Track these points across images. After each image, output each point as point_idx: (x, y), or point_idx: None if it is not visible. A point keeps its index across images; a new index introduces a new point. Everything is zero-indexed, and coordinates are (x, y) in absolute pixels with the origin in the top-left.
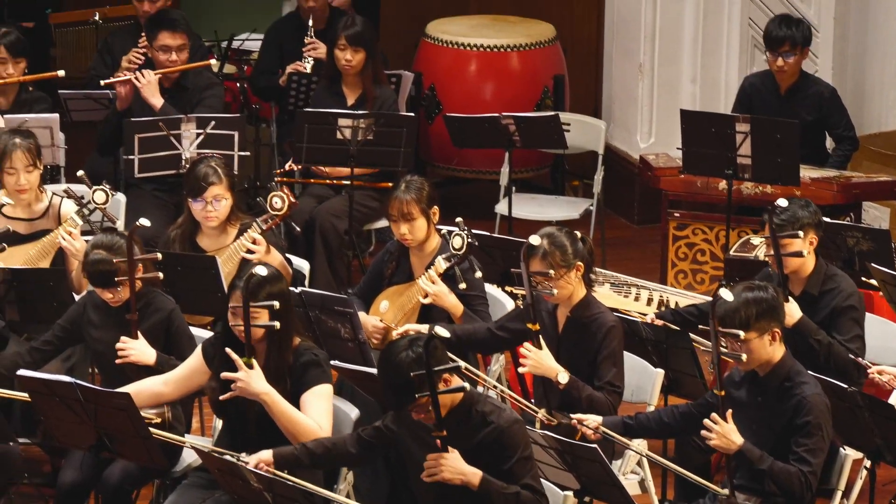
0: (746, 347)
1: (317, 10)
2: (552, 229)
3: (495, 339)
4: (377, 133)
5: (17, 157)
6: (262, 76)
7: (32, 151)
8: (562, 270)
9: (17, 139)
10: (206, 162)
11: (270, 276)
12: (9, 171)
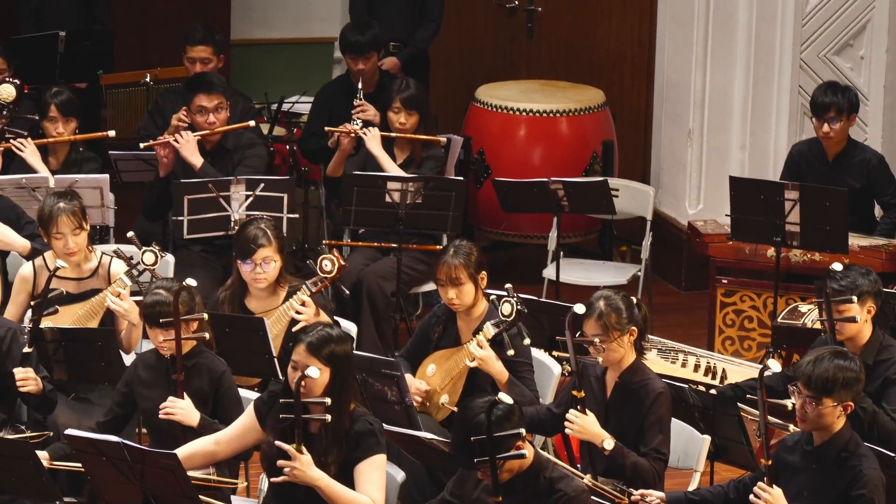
0: (816, 412)
1: (366, 74)
2: (609, 292)
3: (553, 418)
4: (426, 196)
5: (62, 221)
6: (311, 139)
7: (77, 214)
8: (615, 333)
9: (62, 203)
10: (255, 224)
11: (336, 336)
12: (56, 236)
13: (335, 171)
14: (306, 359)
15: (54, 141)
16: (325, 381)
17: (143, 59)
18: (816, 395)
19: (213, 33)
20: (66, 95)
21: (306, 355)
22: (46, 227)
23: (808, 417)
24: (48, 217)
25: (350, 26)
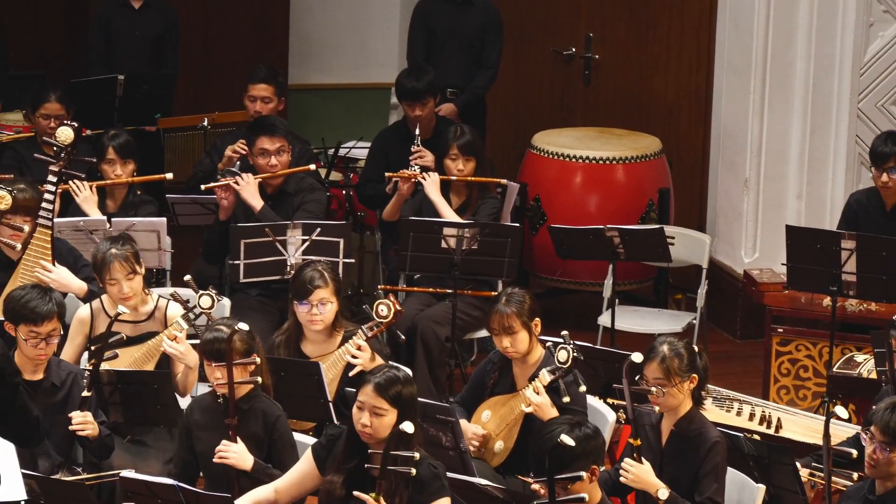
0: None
1: (423, 120)
2: (673, 338)
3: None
4: (482, 242)
5: (115, 267)
6: (367, 184)
7: (130, 259)
8: (676, 379)
9: (114, 249)
10: (312, 266)
11: (403, 377)
12: (110, 281)
13: (392, 215)
14: (374, 399)
15: (112, 183)
16: (391, 422)
17: (201, 104)
18: (891, 441)
19: (275, 74)
20: (124, 138)
21: (374, 396)
22: (100, 272)
23: (878, 464)
24: (101, 263)
25: (406, 72)
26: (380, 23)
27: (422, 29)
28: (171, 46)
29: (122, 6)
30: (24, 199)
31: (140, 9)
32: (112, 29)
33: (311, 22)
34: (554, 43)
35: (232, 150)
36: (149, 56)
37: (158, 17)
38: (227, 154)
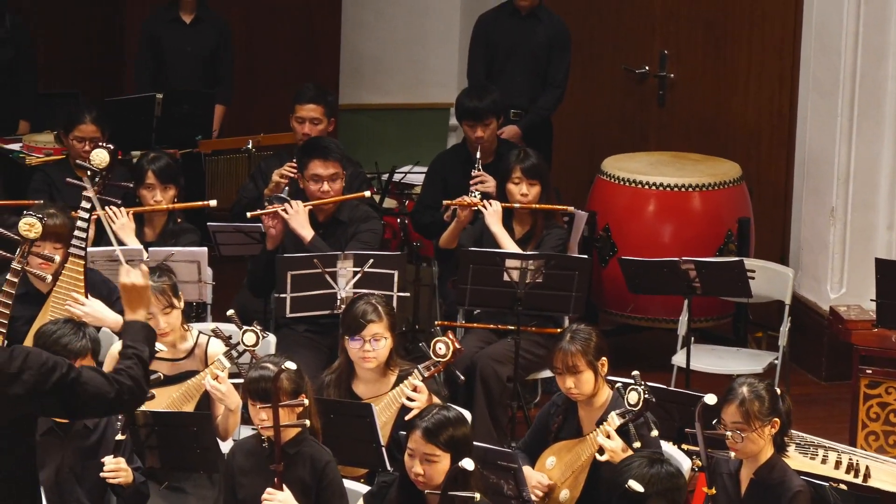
0: None
1: (485, 142)
2: (753, 378)
3: None
4: (547, 275)
5: (151, 301)
6: (424, 212)
7: (167, 292)
8: (756, 423)
9: (150, 281)
10: (365, 299)
11: (454, 419)
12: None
13: (449, 242)
14: (424, 446)
15: (151, 210)
16: (445, 468)
17: (244, 125)
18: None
19: (324, 93)
20: (164, 161)
21: (423, 442)
22: None
23: None
24: None
25: (468, 91)
26: (438, 38)
27: (483, 45)
28: (225, 63)
29: (171, 21)
30: (55, 225)
31: (192, 23)
32: (162, 46)
33: (363, 37)
34: (625, 60)
35: (280, 174)
36: (202, 74)
37: (211, 32)
38: (274, 179)
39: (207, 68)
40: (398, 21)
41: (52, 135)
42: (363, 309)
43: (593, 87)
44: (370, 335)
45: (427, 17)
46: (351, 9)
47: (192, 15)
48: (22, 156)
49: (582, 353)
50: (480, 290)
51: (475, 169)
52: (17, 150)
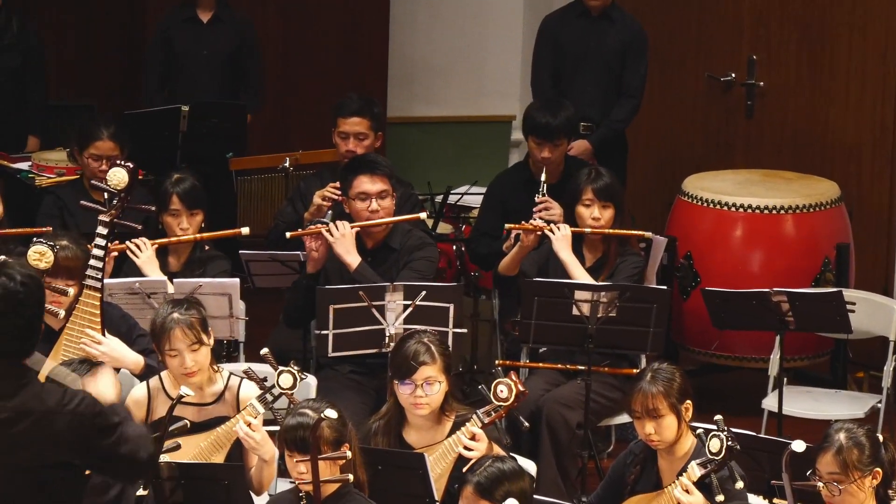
0: None
1: (551, 162)
2: (851, 424)
3: None
4: (621, 309)
5: (176, 335)
6: (482, 239)
7: (196, 326)
8: (855, 474)
9: (176, 314)
10: (416, 338)
11: (510, 471)
12: (170, 353)
13: (510, 268)
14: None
15: (177, 241)
16: None
17: (281, 141)
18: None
19: (370, 105)
20: (189, 183)
21: (475, 499)
22: (159, 341)
23: None
24: (160, 330)
25: (539, 105)
26: (499, 42)
27: (549, 49)
28: (250, 67)
29: (185, 20)
30: (66, 258)
31: (209, 23)
32: (175, 48)
33: (414, 42)
34: (709, 67)
35: (322, 195)
36: (220, 80)
37: (231, 33)
38: (315, 201)
39: (227, 74)
40: (454, 23)
41: (65, 152)
42: (415, 349)
43: (673, 96)
44: (423, 379)
45: (486, 18)
46: (400, 7)
47: (210, 13)
48: (31, 176)
49: (664, 394)
50: (546, 325)
51: (539, 193)
52: (25, 169)
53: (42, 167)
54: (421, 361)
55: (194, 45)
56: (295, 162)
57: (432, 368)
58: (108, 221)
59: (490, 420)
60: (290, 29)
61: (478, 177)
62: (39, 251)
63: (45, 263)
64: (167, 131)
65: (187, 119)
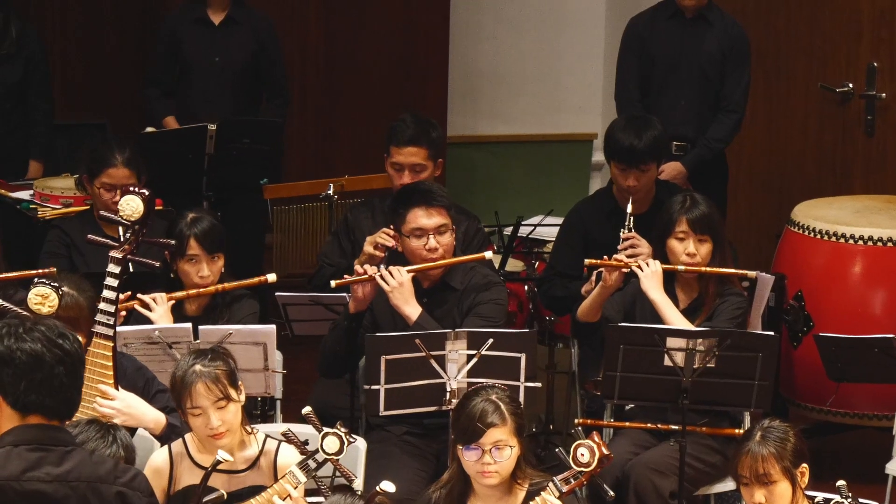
0: None
1: (638, 191)
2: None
3: None
4: (721, 358)
5: (199, 391)
6: (555, 281)
7: (222, 380)
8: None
9: (198, 366)
10: (483, 394)
11: None
12: (192, 411)
13: (590, 313)
14: None
15: (196, 293)
16: None
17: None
18: None
19: (427, 129)
20: (208, 223)
21: None
22: (180, 398)
23: None
24: (181, 385)
25: (624, 124)
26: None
27: (636, 56)
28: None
29: (195, 21)
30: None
31: (222, 24)
32: (183, 54)
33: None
34: (823, 76)
35: (373, 243)
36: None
37: (248, 36)
38: (366, 250)
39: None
40: (524, 26)
41: (72, 179)
42: (481, 408)
43: (780, 111)
44: (491, 443)
45: (562, 21)
46: (462, 10)
47: (222, 14)
48: (32, 207)
49: (777, 457)
50: (634, 378)
51: (625, 227)
52: (26, 199)
53: (45, 196)
54: (489, 423)
55: (204, 51)
56: (339, 189)
57: (502, 431)
58: (120, 258)
59: (569, 489)
60: (333, 34)
61: (553, 205)
62: (42, 293)
63: (48, 308)
64: (191, 154)
65: (214, 139)
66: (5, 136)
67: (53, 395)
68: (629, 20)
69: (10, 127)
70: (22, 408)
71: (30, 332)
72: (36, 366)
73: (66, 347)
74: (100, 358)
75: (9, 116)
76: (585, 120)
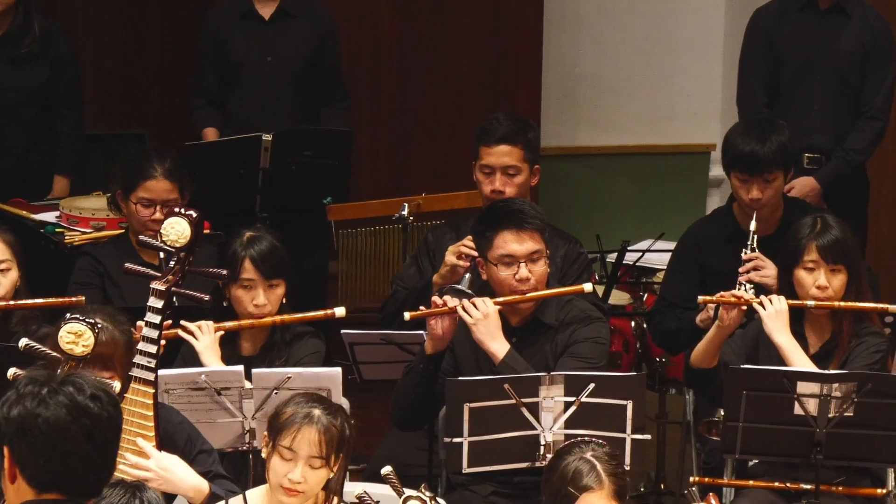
0: None
1: (763, 205)
2: None
3: None
4: (860, 406)
5: (304, 437)
6: (668, 313)
7: (333, 441)
8: None
9: (317, 411)
10: (576, 452)
11: None
12: (284, 452)
13: (706, 358)
14: None
15: (251, 325)
16: None
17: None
18: None
19: (524, 129)
20: (267, 244)
21: None
22: (279, 433)
23: None
24: (288, 421)
25: (745, 128)
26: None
27: (762, 53)
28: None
29: (242, 17)
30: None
31: (273, 18)
32: (230, 55)
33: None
34: None
35: (456, 253)
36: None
37: (305, 30)
38: (448, 261)
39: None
40: (631, 21)
41: (104, 198)
42: (576, 468)
43: None
44: None
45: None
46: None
47: (273, 6)
48: (59, 231)
49: None
50: (758, 428)
51: (747, 248)
52: (51, 222)
53: (73, 219)
54: (582, 486)
55: (254, 50)
56: (415, 209)
57: (598, 496)
58: (163, 291)
59: None
60: (409, 29)
61: (664, 228)
62: (75, 331)
63: (81, 348)
64: (243, 169)
65: (270, 152)
66: (28, 149)
67: (77, 475)
68: (754, 12)
69: (34, 138)
70: (38, 485)
71: (54, 393)
72: (58, 439)
73: (96, 414)
74: (138, 406)
75: (32, 126)
76: (702, 128)
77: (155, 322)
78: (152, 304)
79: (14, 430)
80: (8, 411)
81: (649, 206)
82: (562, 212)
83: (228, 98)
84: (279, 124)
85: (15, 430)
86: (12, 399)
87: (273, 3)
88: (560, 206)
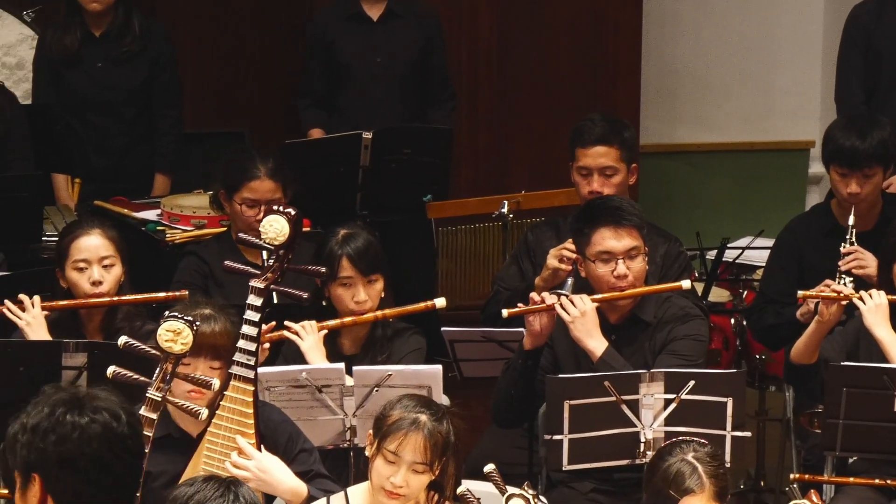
0: None
1: (862, 200)
2: None
3: None
4: None
5: (409, 442)
6: (767, 309)
7: (438, 447)
8: None
9: (424, 416)
10: (678, 453)
11: None
12: (389, 456)
13: (806, 354)
14: None
15: (353, 322)
16: None
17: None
18: None
19: (619, 129)
20: (363, 241)
21: None
22: (385, 436)
23: None
24: (394, 425)
25: (844, 123)
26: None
27: (861, 50)
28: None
29: (349, 18)
30: (213, 332)
31: (381, 20)
32: (338, 57)
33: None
34: None
35: (559, 256)
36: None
37: (413, 30)
38: (550, 265)
39: (411, 87)
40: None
41: (206, 196)
42: (678, 470)
43: None
44: None
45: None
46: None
47: (381, 7)
48: (160, 229)
49: None
50: (859, 426)
51: (846, 242)
52: (152, 220)
53: (175, 217)
54: (684, 490)
55: (364, 51)
56: (515, 207)
57: (700, 498)
58: (262, 289)
59: None
60: (508, 27)
61: (764, 225)
62: (174, 329)
63: (180, 346)
64: (343, 167)
65: (370, 150)
66: (128, 147)
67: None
68: (852, 9)
69: (134, 137)
70: None
71: (92, 423)
72: (102, 475)
73: (132, 446)
74: (239, 405)
75: (132, 125)
76: (801, 126)
77: (254, 319)
78: (252, 301)
79: (53, 461)
80: (43, 440)
81: (749, 204)
82: (661, 209)
83: (337, 99)
84: (388, 125)
85: (55, 462)
86: (45, 427)
87: (381, 3)
88: (659, 203)
